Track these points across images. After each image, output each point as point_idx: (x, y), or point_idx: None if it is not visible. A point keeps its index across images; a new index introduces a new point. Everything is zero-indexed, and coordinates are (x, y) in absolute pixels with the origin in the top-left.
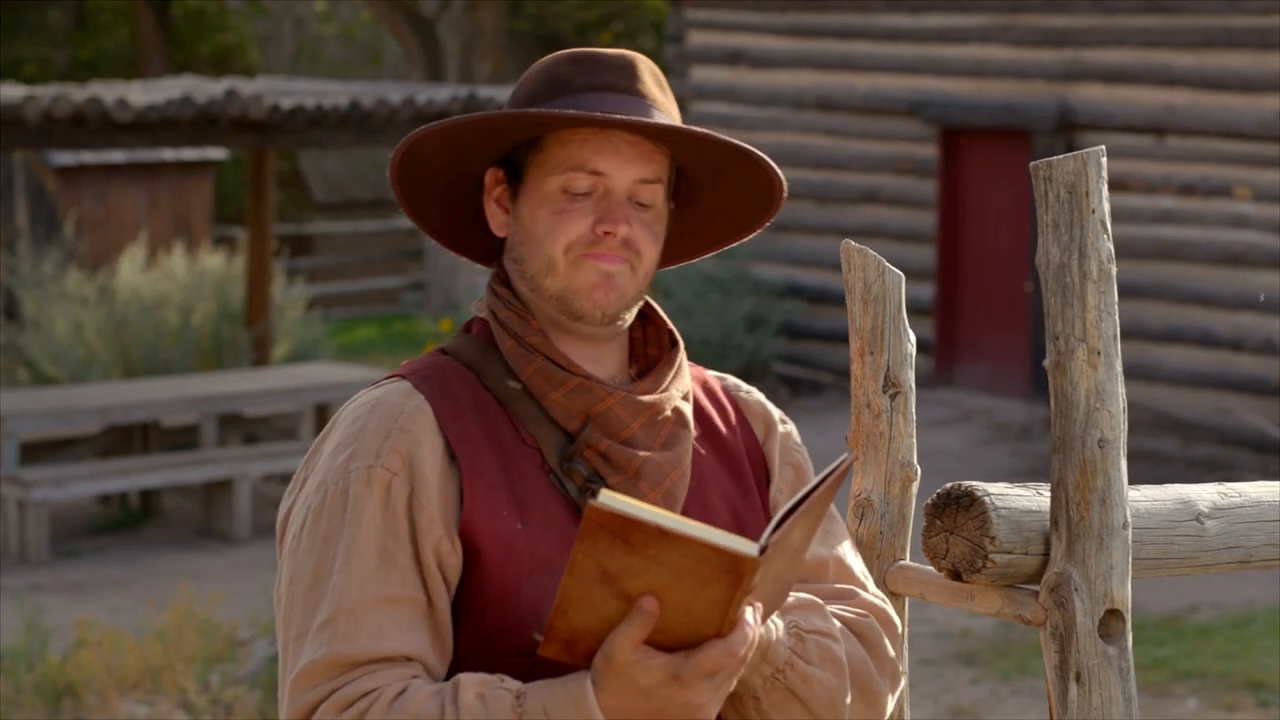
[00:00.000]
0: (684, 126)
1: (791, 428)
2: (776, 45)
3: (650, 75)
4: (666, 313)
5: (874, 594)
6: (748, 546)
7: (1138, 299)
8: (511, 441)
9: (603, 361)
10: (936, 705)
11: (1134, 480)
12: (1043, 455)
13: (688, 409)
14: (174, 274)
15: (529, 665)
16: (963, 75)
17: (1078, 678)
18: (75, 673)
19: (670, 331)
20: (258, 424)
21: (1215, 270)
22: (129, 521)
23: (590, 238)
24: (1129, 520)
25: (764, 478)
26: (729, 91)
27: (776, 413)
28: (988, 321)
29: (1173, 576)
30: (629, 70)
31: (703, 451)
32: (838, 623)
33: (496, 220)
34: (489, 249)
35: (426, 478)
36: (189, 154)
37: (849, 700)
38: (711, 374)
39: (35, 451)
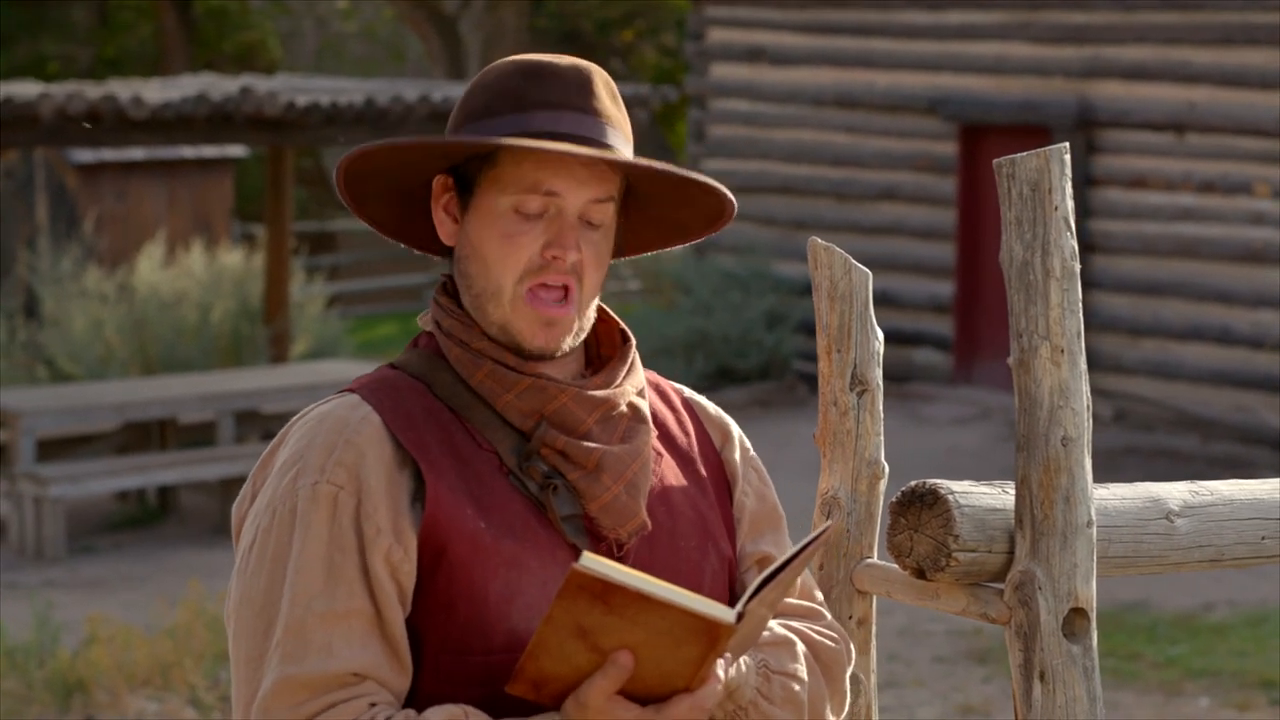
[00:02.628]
0: (638, 162)
1: (744, 435)
2: (796, 42)
3: (605, 89)
4: (686, 310)
5: (831, 618)
6: (724, 613)
7: (1157, 296)
8: (467, 447)
9: (555, 364)
10: (946, 704)
11: (1154, 478)
12: None
13: (644, 404)
14: (193, 271)
15: (501, 663)
16: (982, 72)
17: (1041, 676)
18: (85, 669)
19: (622, 329)
20: (275, 421)
21: (1235, 267)
22: (146, 518)
23: (539, 262)
24: (1093, 518)
25: (722, 483)
26: (749, 88)
27: (731, 421)
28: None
29: (1143, 575)
30: (584, 86)
31: (661, 453)
32: (803, 647)
33: (445, 229)
34: (434, 241)
35: (373, 487)
36: (209, 151)
37: None
38: (668, 383)
39: (52, 448)
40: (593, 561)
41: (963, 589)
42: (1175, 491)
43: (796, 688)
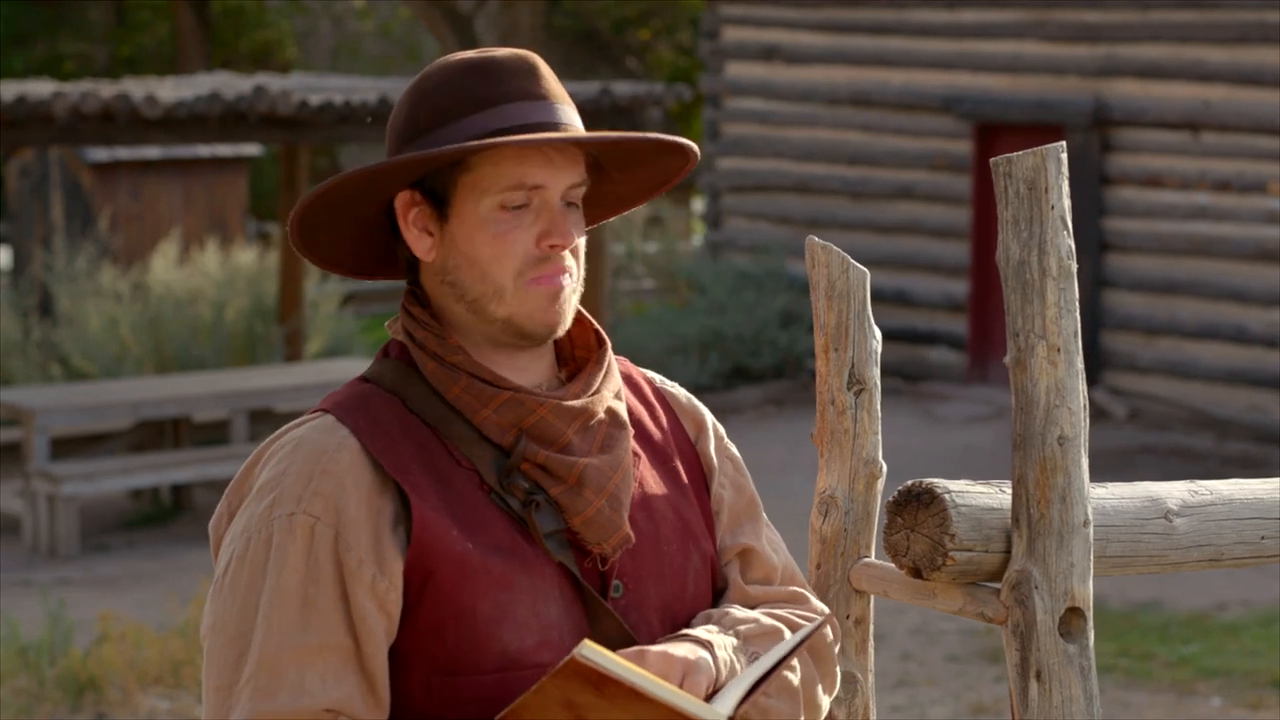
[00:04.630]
0: (622, 136)
1: (718, 423)
2: (811, 41)
3: (548, 73)
4: (700, 309)
5: (817, 600)
6: (714, 716)
7: (1172, 295)
8: (446, 466)
9: (530, 369)
10: (958, 703)
11: (1168, 477)
12: None
13: (621, 408)
14: (207, 270)
15: (493, 683)
16: (997, 71)
17: (1038, 676)
18: (97, 667)
19: (596, 331)
20: (289, 420)
21: (1250, 266)
22: (160, 516)
23: (537, 254)
24: (1090, 518)
25: (699, 476)
26: (764, 87)
27: (705, 410)
28: None
29: (1141, 574)
30: (533, 73)
31: (639, 454)
32: (790, 634)
33: (421, 245)
34: (390, 268)
35: (353, 517)
36: (224, 150)
37: None
38: (639, 371)
39: (66, 446)
40: (592, 652)
41: (959, 588)
42: (1174, 491)
43: (790, 675)
